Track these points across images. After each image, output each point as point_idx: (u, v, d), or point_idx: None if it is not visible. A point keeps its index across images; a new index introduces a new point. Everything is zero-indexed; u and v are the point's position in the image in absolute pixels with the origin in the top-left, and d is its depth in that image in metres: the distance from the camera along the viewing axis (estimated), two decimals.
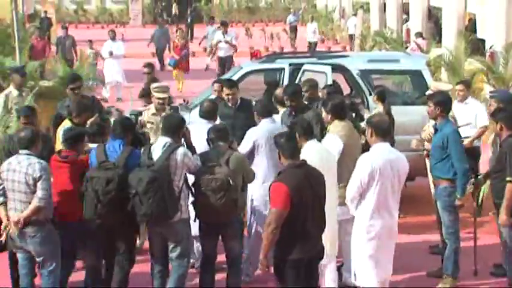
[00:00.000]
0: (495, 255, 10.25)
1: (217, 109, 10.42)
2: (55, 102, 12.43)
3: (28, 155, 8.52)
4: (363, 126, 9.48)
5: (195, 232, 9.15)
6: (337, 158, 9.15)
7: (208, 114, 10.14)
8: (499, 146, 9.55)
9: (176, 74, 25.05)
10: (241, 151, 9.60)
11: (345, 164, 9.06)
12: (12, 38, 19.27)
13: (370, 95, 12.60)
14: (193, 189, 8.79)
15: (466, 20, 24.47)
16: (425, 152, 10.64)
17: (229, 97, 11.33)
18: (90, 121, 9.87)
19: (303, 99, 10.93)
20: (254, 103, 10.83)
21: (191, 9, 48.25)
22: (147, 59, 28.91)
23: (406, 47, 24.66)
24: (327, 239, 8.30)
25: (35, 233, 8.52)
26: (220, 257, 9.25)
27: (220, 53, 25.01)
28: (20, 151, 8.59)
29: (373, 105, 12.29)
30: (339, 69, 13.29)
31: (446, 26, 22.62)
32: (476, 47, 20.07)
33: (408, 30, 28.78)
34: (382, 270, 8.20)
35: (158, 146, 8.67)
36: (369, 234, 8.06)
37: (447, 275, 9.73)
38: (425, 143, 10.70)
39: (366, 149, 8.51)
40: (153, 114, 10.99)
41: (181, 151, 8.62)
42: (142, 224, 9.09)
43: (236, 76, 13.25)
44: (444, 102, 9.72)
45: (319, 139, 9.36)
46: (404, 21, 30.97)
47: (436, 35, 26.21)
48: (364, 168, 8.01)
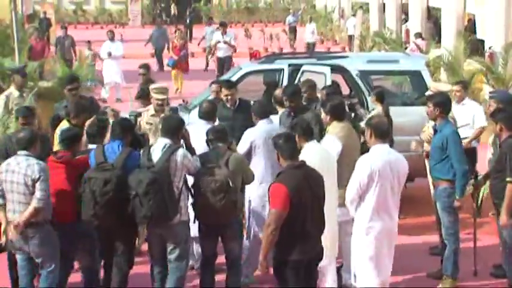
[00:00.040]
0: (495, 256, 10.23)
1: (217, 110, 10.39)
2: (54, 103, 12.38)
3: (27, 156, 8.49)
4: (362, 127, 9.46)
5: (195, 233, 9.13)
6: (336, 159, 9.12)
7: (208, 115, 10.11)
8: (499, 147, 9.54)
9: (175, 75, 25.05)
10: (239, 152, 9.58)
11: (343, 165, 9.02)
12: (11, 38, 19.24)
13: (370, 95, 12.57)
14: (192, 190, 8.77)
15: (465, 21, 24.47)
16: (424, 153, 10.64)
17: (228, 98, 11.30)
18: (89, 122, 9.86)
19: (302, 100, 10.91)
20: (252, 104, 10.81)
21: (190, 10, 48.24)
22: (146, 59, 28.95)
23: (406, 48, 24.65)
24: (327, 240, 8.27)
25: (34, 234, 8.50)
26: (220, 258, 9.22)
27: (219, 53, 24.99)
28: (19, 152, 8.55)
29: (373, 106, 12.28)
30: (338, 70, 13.26)
31: (446, 27, 22.61)
32: (476, 48, 20.07)
33: (407, 31, 28.78)
34: (382, 271, 8.18)
35: (158, 147, 8.63)
36: (368, 235, 8.05)
37: (447, 276, 9.71)
38: (425, 144, 10.69)
39: (365, 150, 8.48)
40: (152, 116, 10.94)
41: (181, 152, 8.59)
42: (141, 226, 9.06)
43: (235, 77, 13.25)
44: (444, 103, 9.71)
45: (318, 140, 9.34)
46: (404, 21, 30.95)
47: (435, 35, 26.20)
48: (363, 169, 7.99)
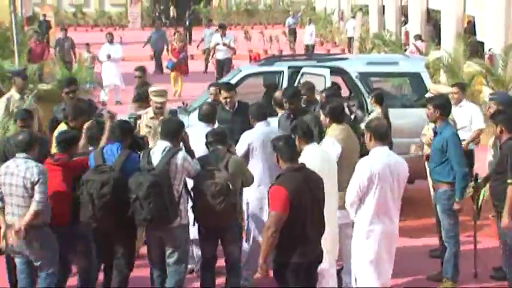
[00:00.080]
0: (495, 258, 10.20)
1: (216, 112, 10.36)
2: (54, 105, 12.37)
3: (26, 158, 8.46)
4: (362, 128, 9.43)
5: (194, 236, 9.10)
6: (336, 162, 9.05)
7: (207, 117, 10.08)
8: (499, 149, 9.50)
9: (174, 77, 25.00)
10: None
11: (343, 168, 8.99)
12: (11, 41, 19.22)
13: (369, 97, 12.55)
14: (192, 193, 8.74)
15: (464, 23, 24.45)
16: (425, 156, 10.62)
17: (227, 100, 11.27)
18: (87, 125, 9.83)
19: (302, 102, 10.88)
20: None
21: (189, 12, 48.21)
22: (146, 62, 28.98)
23: (405, 50, 24.61)
24: (327, 242, 8.25)
25: (33, 237, 8.45)
26: (219, 261, 9.18)
27: (219, 55, 24.91)
28: (17, 154, 8.53)
29: (372, 107, 12.25)
30: (337, 72, 13.23)
31: (445, 29, 22.59)
32: (475, 50, 20.04)
33: (407, 33, 28.74)
34: (383, 274, 8.16)
35: (158, 150, 8.61)
36: (368, 239, 8.02)
37: (447, 279, 9.69)
38: (425, 147, 10.68)
39: (365, 152, 8.45)
40: (151, 118, 10.90)
41: (181, 155, 8.56)
42: (141, 228, 9.03)
43: (235, 79, 13.23)
44: (444, 105, 9.70)
45: (318, 142, 9.31)
46: (403, 23, 30.93)
47: (435, 37, 26.18)
48: (363, 172, 7.97)
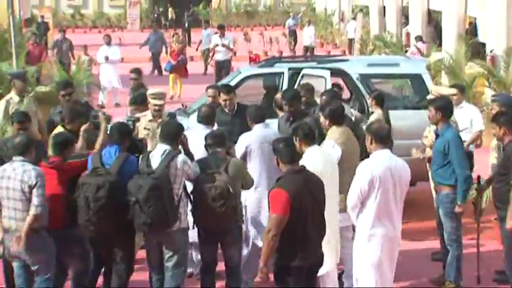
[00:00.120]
0: (498, 262, 10.14)
1: (215, 114, 10.32)
2: (52, 107, 12.32)
3: (23, 161, 8.41)
4: (364, 130, 9.36)
5: (194, 238, 9.05)
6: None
7: (206, 119, 10.03)
8: (502, 150, 9.47)
9: (173, 79, 24.89)
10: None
11: (343, 170, 8.94)
12: (9, 43, 19.16)
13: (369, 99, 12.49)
14: (192, 196, 8.69)
15: (466, 24, 24.39)
16: (426, 158, 10.61)
17: (227, 103, 11.21)
18: (84, 127, 9.75)
19: (302, 105, 10.80)
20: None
21: (188, 14, 48.18)
22: (145, 63, 29.02)
23: (406, 51, 24.58)
24: (328, 245, 8.21)
25: (30, 241, 8.37)
26: (219, 265, 9.12)
27: (218, 56, 24.87)
28: (14, 157, 8.47)
29: (372, 109, 12.18)
30: (338, 73, 13.19)
31: (447, 30, 22.56)
32: (477, 51, 19.98)
33: (408, 34, 28.72)
34: (384, 278, 8.10)
35: (157, 153, 8.56)
36: (370, 242, 7.97)
37: (449, 282, 9.65)
38: (427, 149, 10.63)
39: (367, 154, 8.36)
40: (150, 121, 10.82)
41: (181, 159, 8.52)
42: (139, 232, 8.93)
43: (235, 81, 13.19)
44: (445, 107, 9.67)
45: (318, 145, 9.23)
46: (404, 25, 30.89)
47: (436, 38, 26.15)
48: (363, 176, 7.92)
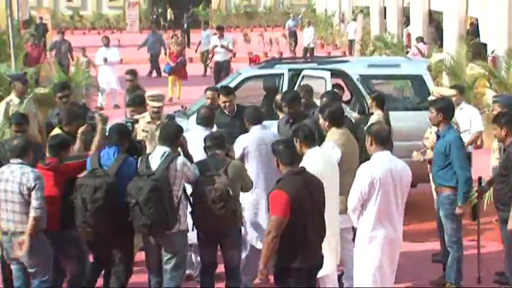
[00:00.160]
0: (499, 263, 10.11)
1: (214, 116, 10.29)
2: (51, 109, 12.28)
3: (21, 164, 8.38)
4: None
5: (193, 241, 9.02)
6: None
7: (206, 120, 10.00)
8: (503, 151, 9.43)
9: (172, 81, 24.80)
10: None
11: (343, 172, 8.92)
12: (7, 44, 19.11)
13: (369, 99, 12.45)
14: (191, 198, 8.65)
15: (467, 24, 24.34)
16: (427, 159, 10.60)
17: (226, 104, 11.19)
18: (82, 129, 9.71)
19: (301, 107, 10.76)
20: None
21: (187, 15, 48.12)
22: (144, 64, 29.00)
23: (407, 52, 24.55)
24: (328, 247, 8.19)
25: (28, 243, 8.33)
26: (218, 267, 9.08)
27: (217, 57, 24.85)
28: (12, 160, 8.45)
29: (372, 110, 12.13)
30: (338, 74, 13.15)
31: (448, 30, 22.53)
32: (478, 52, 19.93)
33: (409, 35, 28.67)
34: (385, 280, 8.07)
35: (156, 155, 8.53)
36: (370, 244, 7.95)
37: (450, 283, 9.63)
38: (428, 151, 10.60)
39: (368, 156, 8.32)
40: (148, 123, 10.77)
41: (180, 161, 8.50)
42: (139, 234, 8.88)
43: (235, 82, 13.17)
44: (446, 109, 9.66)
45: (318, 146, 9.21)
46: (405, 25, 30.83)
47: (437, 39, 26.12)
48: (364, 178, 7.90)
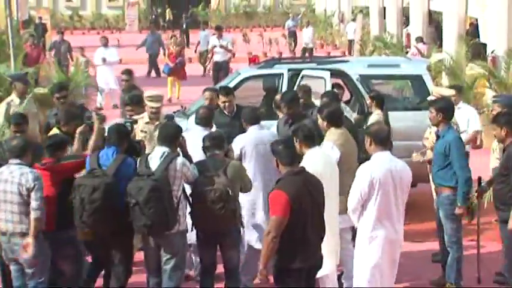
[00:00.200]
0: (498, 263, 10.09)
1: (213, 116, 10.28)
2: (50, 109, 12.28)
3: (20, 164, 8.36)
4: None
5: (192, 240, 9.01)
6: None
7: (204, 120, 9.98)
8: (503, 151, 9.41)
9: (172, 82, 24.76)
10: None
11: (342, 172, 8.90)
12: (6, 44, 19.09)
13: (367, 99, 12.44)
14: (190, 199, 8.63)
15: (467, 24, 24.31)
16: (427, 159, 10.60)
17: (226, 105, 11.18)
18: (80, 129, 9.68)
19: (300, 107, 10.75)
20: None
21: (186, 15, 48.08)
22: (144, 65, 28.99)
23: (407, 52, 24.53)
24: (328, 247, 8.17)
25: (33, 245, 8.31)
26: (218, 268, 9.07)
27: (216, 57, 24.82)
28: (11, 160, 8.43)
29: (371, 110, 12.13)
30: (338, 74, 13.13)
31: (447, 31, 22.50)
32: (478, 52, 19.89)
33: (408, 35, 28.64)
34: (385, 280, 8.07)
35: (156, 155, 8.50)
36: (371, 244, 7.94)
37: (450, 284, 9.62)
38: (428, 152, 10.59)
39: (368, 157, 8.30)
40: (147, 123, 10.74)
41: (180, 161, 8.48)
42: (138, 235, 8.86)
43: (234, 82, 13.16)
44: (446, 109, 9.66)
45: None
46: (404, 25, 30.80)
47: (436, 39, 26.09)
48: (363, 178, 7.89)
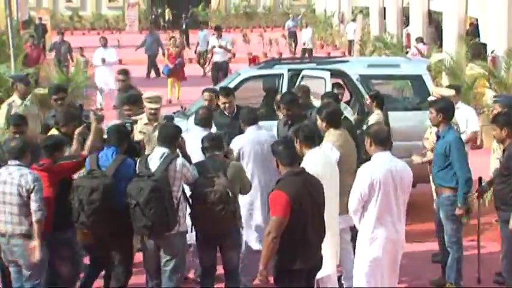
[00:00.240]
0: (498, 263, 9.99)
1: (213, 116, 10.27)
2: (48, 110, 12.29)
3: (19, 165, 8.35)
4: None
5: (191, 241, 9.00)
6: None
7: (204, 121, 9.99)
8: (503, 151, 9.39)
9: (171, 83, 24.73)
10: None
11: (342, 173, 8.89)
12: (6, 45, 19.09)
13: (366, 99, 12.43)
14: (190, 200, 8.61)
15: (467, 25, 24.29)
16: (427, 160, 10.60)
17: (226, 105, 11.16)
18: (78, 130, 9.66)
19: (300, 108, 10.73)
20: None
21: (186, 15, 48.02)
22: (143, 65, 28.97)
23: (407, 52, 24.52)
24: (328, 248, 8.18)
25: (26, 245, 8.31)
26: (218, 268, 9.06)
27: (216, 57, 24.79)
28: (10, 162, 8.42)
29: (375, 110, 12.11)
30: (338, 74, 13.12)
31: (447, 31, 22.48)
32: (478, 52, 19.89)
33: (408, 35, 28.62)
34: (386, 281, 8.06)
35: (155, 156, 8.49)
36: (372, 245, 7.94)
37: (450, 284, 9.62)
38: (428, 153, 10.59)
39: (368, 157, 8.30)
40: (145, 124, 10.69)
41: (179, 162, 8.46)
42: (137, 236, 8.85)
43: (234, 82, 13.14)
44: (446, 109, 9.65)
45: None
46: (405, 26, 30.78)
47: (437, 39, 26.06)
48: (363, 179, 7.88)
